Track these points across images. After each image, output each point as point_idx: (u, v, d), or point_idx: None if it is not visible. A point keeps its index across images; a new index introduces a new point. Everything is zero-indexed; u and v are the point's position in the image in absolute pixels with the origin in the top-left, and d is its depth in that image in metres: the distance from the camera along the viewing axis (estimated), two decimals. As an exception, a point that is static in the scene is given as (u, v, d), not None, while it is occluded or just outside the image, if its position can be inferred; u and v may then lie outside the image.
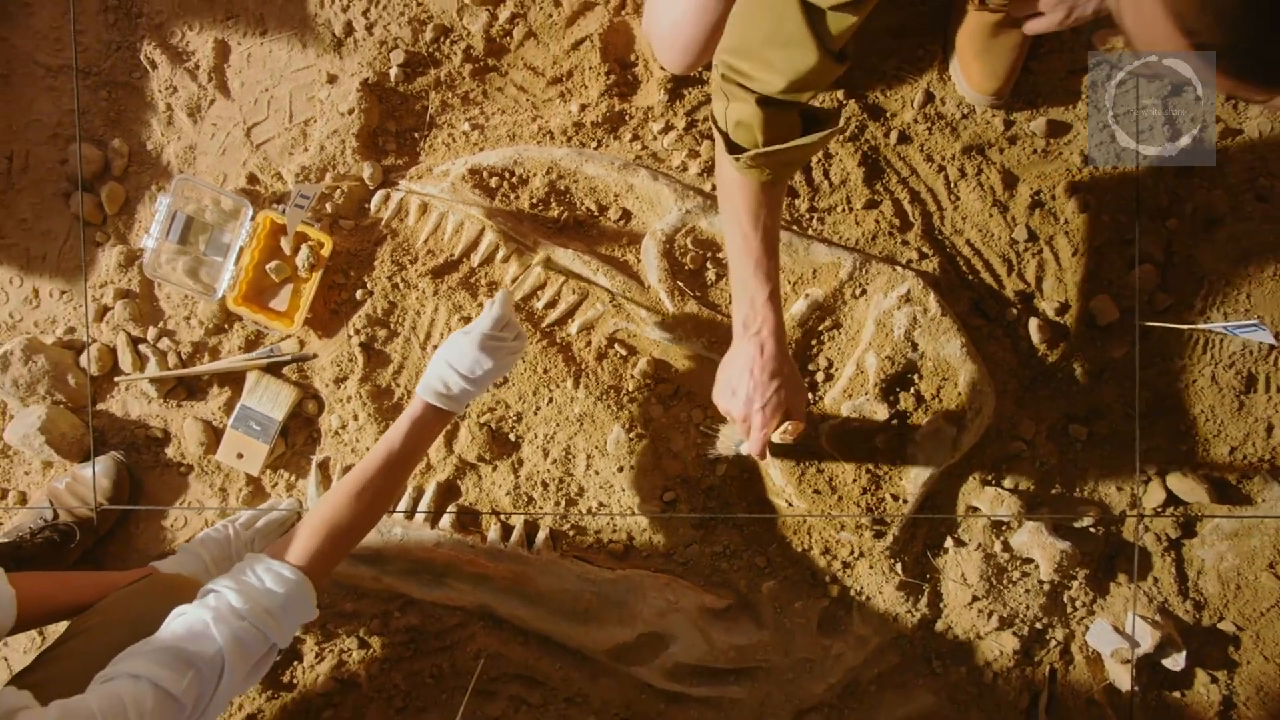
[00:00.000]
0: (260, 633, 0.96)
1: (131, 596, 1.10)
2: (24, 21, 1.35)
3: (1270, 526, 1.36)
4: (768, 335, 1.06)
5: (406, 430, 1.07)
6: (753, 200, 1.00)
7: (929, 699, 1.36)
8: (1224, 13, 0.48)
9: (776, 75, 0.89)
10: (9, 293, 1.36)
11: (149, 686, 0.88)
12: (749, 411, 1.10)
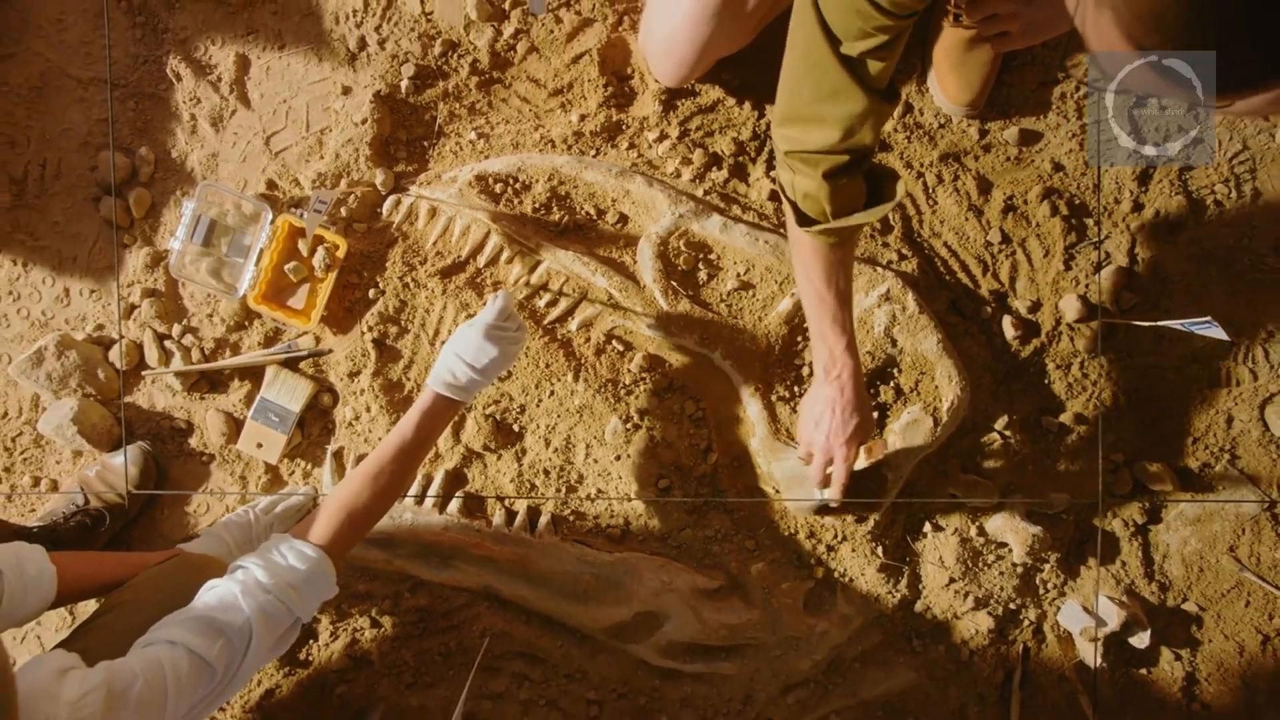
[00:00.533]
0: (284, 606, 1.04)
1: (161, 574, 1.17)
2: (56, 36, 1.43)
3: (1230, 512, 1.44)
4: (847, 379, 1.18)
5: (418, 420, 1.15)
6: (824, 263, 1.09)
7: (909, 675, 1.44)
8: (1171, 37, 0.55)
9: (830, 128, 0.94)
10: (41, 292, 1.45)
11: (184, 652, 0.96)
12: (832, 445, 1.21)
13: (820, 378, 1.22)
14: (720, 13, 1.20)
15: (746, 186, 1.43)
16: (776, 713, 1.43)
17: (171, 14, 1.43)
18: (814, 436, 1.24)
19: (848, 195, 1.03)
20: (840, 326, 1.15)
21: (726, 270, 1.39)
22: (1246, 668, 1.45)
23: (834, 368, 1.19)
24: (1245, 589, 1.45)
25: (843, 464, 1.22)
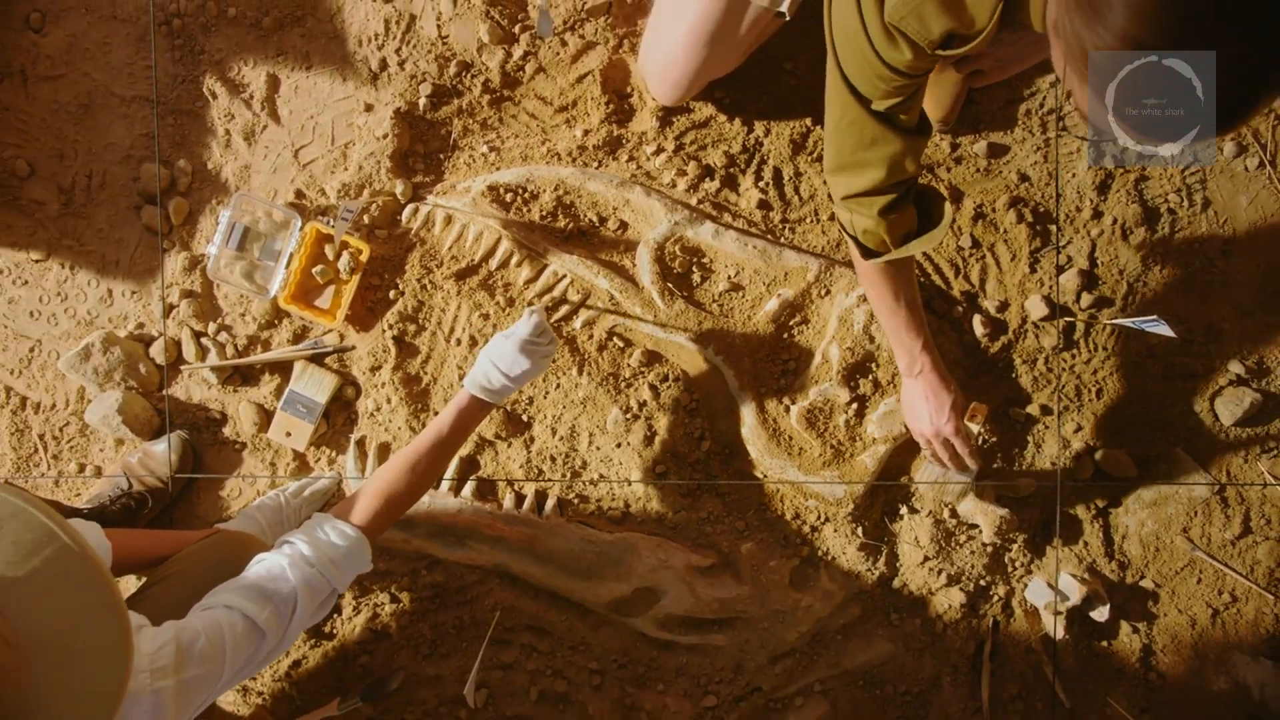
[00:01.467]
0: (324, 578, 1.15)
1: (205, 549, 1.29)
2: (103, 59, 1.55)
3: (1183, 496, 1.56)
4: (929, 371, 1.35)
5: (454, 417, 1.26)
6: (891, 283, 1.24)
7: (887, 647, 1.56)
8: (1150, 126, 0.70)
9: (876, 169, 1.08)
10: (87, 293, 1.57)
11: (239, 615, 1.07)
12: (939, 426, 1.37)
13: (907, 376, 1.38)
14: (713, 40, 1.32)
15: (737, 196, 1.55)
16: (765, 681, 1.55)
17: (208, 37, 1.55)
18: (921, 428, 1.39)
19: (902, 224, 1.16)
20: (915, 332, 1.31)
21: (718, 273, 1.52)
22: (1198, 639, 1.57)
23: (915, 365, 1.35)
24: (1197, 567, 1.57)
25: (956, 437, 1.38)
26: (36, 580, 0.77)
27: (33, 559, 0.77)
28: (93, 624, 0.80)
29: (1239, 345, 1.57)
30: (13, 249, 1.56)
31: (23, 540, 0.78)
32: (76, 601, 0.80)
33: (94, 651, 0.80)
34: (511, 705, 1.55)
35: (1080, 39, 0.67)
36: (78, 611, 0.79)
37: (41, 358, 1.57)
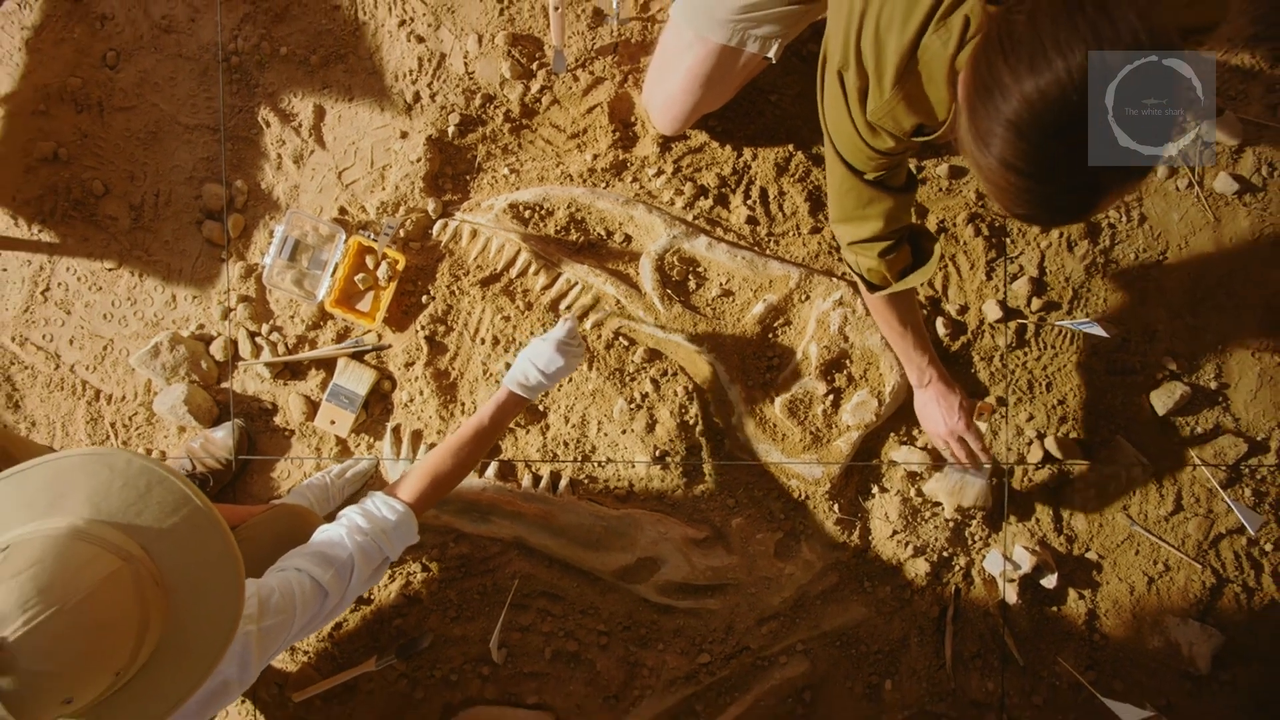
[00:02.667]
0: (377, 546, 1.34)
1: (269, 520, 1.49)
2: (169, 91, 1.76)
3: (1124, 477, 1.76)
4: (936, 380, 1.57)
5: (494, 410, 1.43)
6: (897, 311, 1.46)
7: (861, 611, 1.76)
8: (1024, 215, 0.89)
9: (874, 222, 1.28)
10: (154, 298, 1.77)
11: (307, 577, 1.27)
12: (952, 426, 1.58)
13: (918, 387, 1.61)
14: (708, 83, 1.53)
15: (728, 212, 1.76)
16: (753, 641, 1.75)
17: (262, 72, 1.76)
18: (937, 429, 1.61)
19: (900, 261, 1.37)
20: (920, 350, 1.53)
21: (711, 281, 1.72)
22: (1136, 604, 1.77)
23: (924, 377, 1.57)
24: (1135, 540, 1.77)
25: (968, 433, 1.58)
26: (177, 533, 0.98)
27: (174, 516, 0.98)
28: (216, 568, 1.00)
29: (1171, 344, 1.78)
30: (89, 259, 1.77)
31: (166, 502, 0.98)
32: (204, 550, 1.00)
33: (217, 590, 1.00)
34: (528, 663, 1.75)
35: (975, 161, 0.87)
36: (205, 558, 1.00)
37: (113, 355, 1.78)
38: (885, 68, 1.06)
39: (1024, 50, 0.79)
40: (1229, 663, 1.76)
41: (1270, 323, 1.77)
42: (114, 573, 0.90)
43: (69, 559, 0.88)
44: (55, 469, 0.98)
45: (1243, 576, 1.77)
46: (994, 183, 0.87)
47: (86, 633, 0.87)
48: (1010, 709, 1.77)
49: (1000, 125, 0.81)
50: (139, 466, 1.00)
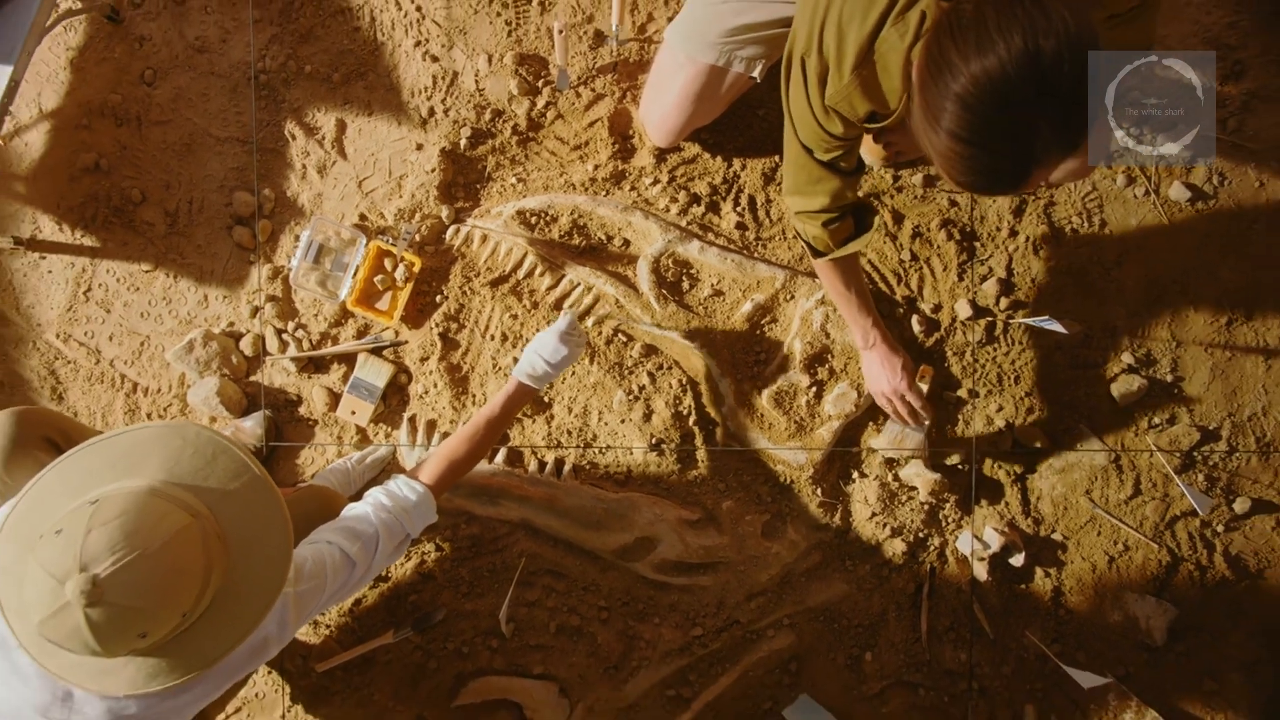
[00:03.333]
0: (399, 523, 1.47)
1: (300, 498, 1.63)
2: (202, 106, 1.90)
3: (1086, 463, 1.90)
4: (880, 343, 1.71)
5: (504, 400, 1.56)
6: (841, 275, 1.60)
7: (843, 587, 1.90)
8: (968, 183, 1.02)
9: (821, 198, 1.43)
10: (188, 297, 1.91)
11: (336, 549, 1.40)
12: (896, 387, 1.72)
13: (864, 349, 1.73)
14: (699, 99, 1.68)
15: (719, 218, 1.90)
16: (742, 615, 1.89)
17: (288, 89, 1.91)
18: (882, 389, 1.73)
19: (842, 231, 1.51)
20: (865, 312, 1.66)
21: (703, 282, 1.87)
22: (1098, 581, 1.91)
23: (869, 339, 1.70)
24: (1097, 522, 1.91)
25: (910, 392, 1.72)
26: (238, 496, 1.12)
27: (235, 481, 1.12)
28: (269, 528, 1.14)
29: (1130, 340, 1.91)
30: (127, 262, 1.91)
31: (229, 469, 1.12)
32: (260, 512, 1.14)
33: (269, 547, 1.14)
34: (534, 636, 1.89)
35: (926, 136, 1.01)
36: (261, 519, 1.14)
37: (149, 351, 1.92)
38: (845, 56, 1.19)
39: (971, 35, 0.92)
40: (1183, 635, 1.90)
41: (1221, 320, 1.91)
42: (185, 526, 1.04)
43: (148, 512, 1.02)
44: (135, 438, 1.12)
45: (1196, 555, 1.91)
46: (942, 154, 0.99)
47: (162, 575, 1.01)
48: (980, 678, 1.90)
49: (950, 100, 0.94)
50: (206, 437, 1.14)
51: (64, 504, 1.08)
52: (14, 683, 1.23)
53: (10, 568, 1.07)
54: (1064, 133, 0.94)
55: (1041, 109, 0.92)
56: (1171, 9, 1.91)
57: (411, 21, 1.91)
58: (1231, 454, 1.91)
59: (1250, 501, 1.90)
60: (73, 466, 1.13)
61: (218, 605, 1.09)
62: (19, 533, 1.09)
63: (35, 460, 1.41)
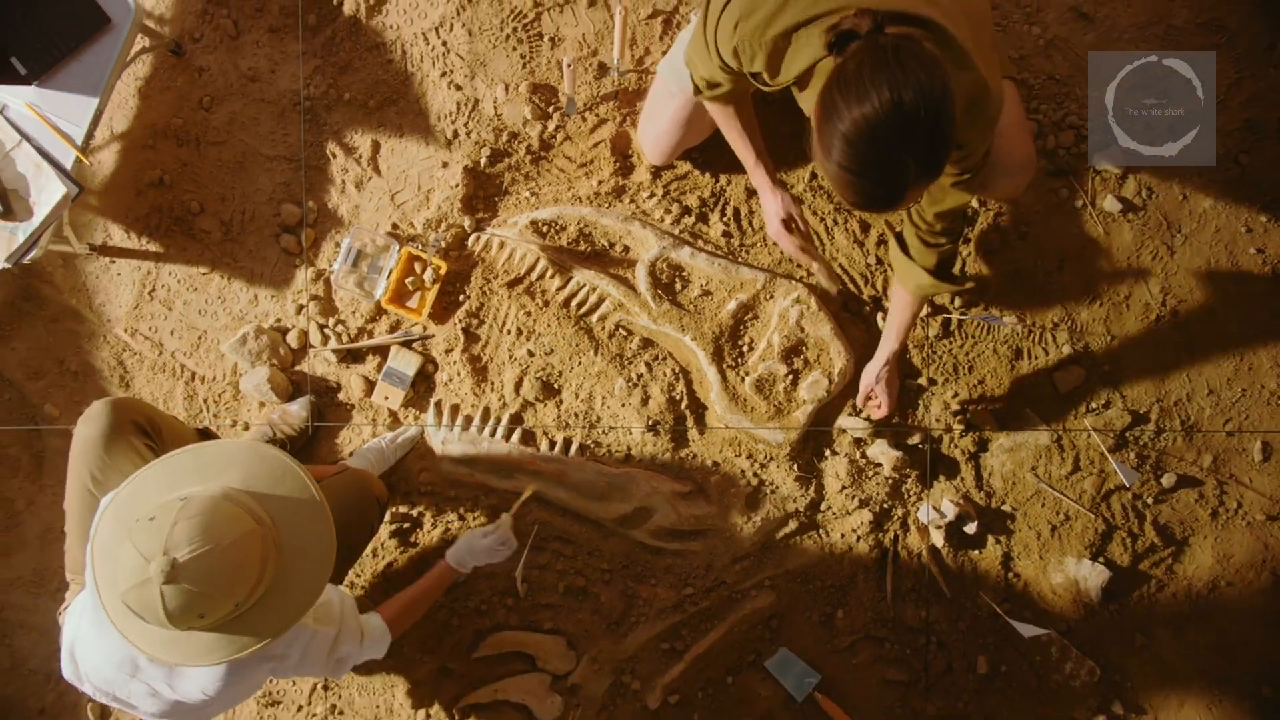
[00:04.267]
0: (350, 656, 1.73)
1: (338, 484, 1.85)
2: (253, 129, 2.17)
3: (1032, 443, 2.16)
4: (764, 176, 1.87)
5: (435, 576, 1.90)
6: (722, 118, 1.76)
7: (816, 552, 2.15)
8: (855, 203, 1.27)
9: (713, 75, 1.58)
10: (240, 296, 2.17)
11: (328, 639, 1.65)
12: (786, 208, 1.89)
13: (766, 192, 1.91)
14: (688, 124, 1.94)
15: (707, 228, 2.16)
16: (728, 577, 2.14)
17: (330, 113, 2.17)
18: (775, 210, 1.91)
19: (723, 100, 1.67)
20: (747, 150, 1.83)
21: (693, 283, 2.13)
22: (1042, 548, 2.16)
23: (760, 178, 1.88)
24: (1041, 495, 2.17)
25: (799, 220, 1.91)
26: (296, 511, 1.36)
27: (296, 499, 1.36)
28: (317, 543, 1.37)
29: (1069, 335, 2.17)
30: (187, 265, 2.17)
31: (293, 487, 1.36)
32: (312, 527, 1.37)
33: (315, 560, 1.37)
34: (545, 596, 2.14)
35: (822, 165, 1.26)
36: (311, 533, 1.37)
37: (206, 344, 2.18)
38: (774, 24, 1.36)
39: (852, 87, 1.17)
40: (1116, 594, 2.15)
41: (1150, 318, 2.17)
42: (250, 531, 1.28)
43: (224, 515, 1.26)
44: (224, 449, 1.38)
45: (1128, 524, 2.16)
46: (834, 179, 1.24)
47: (226, 568, 1.24)
48: (939, 633, 2.16)
49: (837, 138, 1.19)
50: (279, 459, 1.39)
51: (159, 496, 1.32)
52: (101, 639, 1.49)
53: (108, 543, 1.31)
54: (924, 164, 1.19)
55: (905, 145, 1.16)
56: (1105, 39, 2.17)
57: (438, 55, 2.17)
58: (1159, 435, 2.17)
59: (1176, 477, 2.15)
60: (171, 465, 1.38)
61: (265, 600, 1.32)
62: (120, 515, 1.33)
63: (127, 442, 1.66)
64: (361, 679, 2.15)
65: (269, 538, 1.32)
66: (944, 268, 1.67)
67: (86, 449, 1.64)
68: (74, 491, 1.66)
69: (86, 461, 1.64)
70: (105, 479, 1.63)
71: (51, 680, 2.20)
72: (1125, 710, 2.16)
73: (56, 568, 2.20)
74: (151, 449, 1.67)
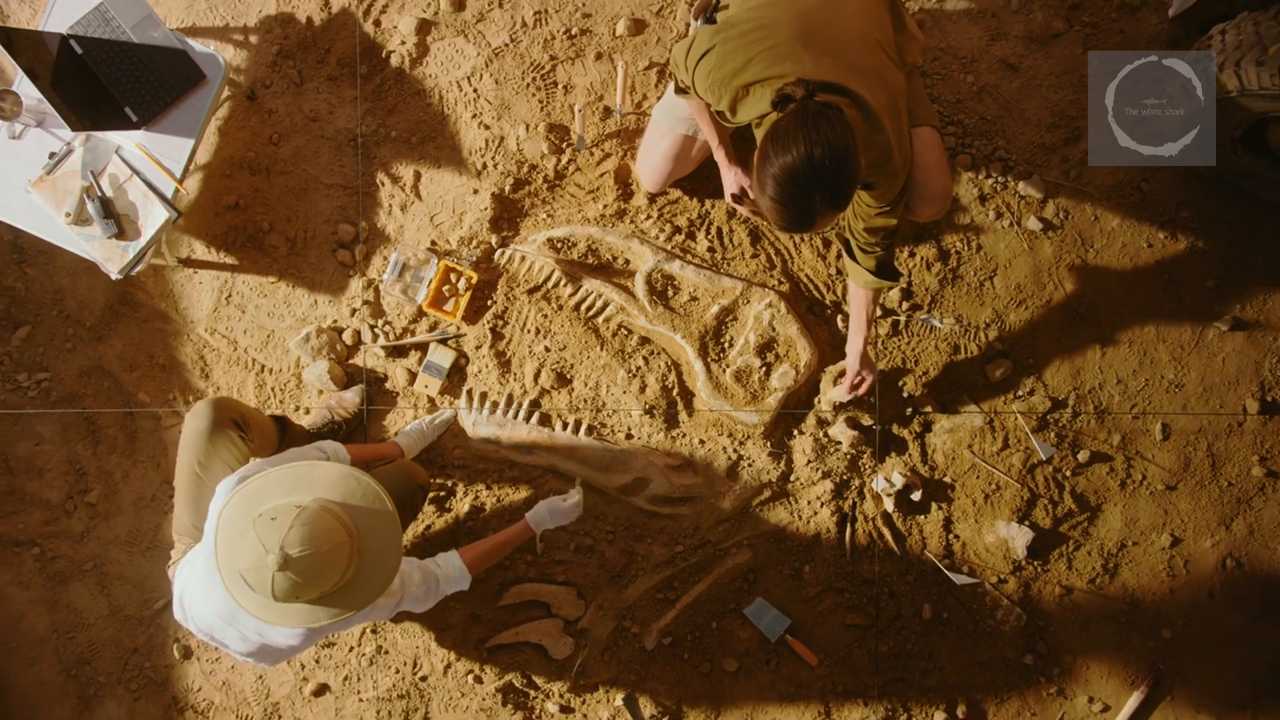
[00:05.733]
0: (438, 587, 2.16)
1: (393, 472, 2.25)
2: (314, 160, 2.59)
3: (968, 424, 2.57)
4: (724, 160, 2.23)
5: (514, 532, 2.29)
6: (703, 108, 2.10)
7: (786, 516, 2.56)
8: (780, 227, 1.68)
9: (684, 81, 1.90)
10: (303, 301, 2.59)
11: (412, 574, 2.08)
12: (738, 180, 2.27)
13: (725, 169, 2.26)
14: (677, 159, 2.35)
15: (694, 244, 2.58)
16: (713, 536, 2.55)
17: (379, 148, 2.59)
18: (732, 181, 2.28)
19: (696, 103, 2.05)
20: (719, 139, 2.19)
21: (683, 290, 2.54)
22: (977, 513, 2.57)
23: (724, 162, 2.26)
24: (977, 469, 2.57)
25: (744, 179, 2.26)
26: (376, 525, 1.75)
27: (378, 515, 1.75)
28: (388, 553, 1.76)
29: (999, 333, 2.58)
30: (258, 275, 2.59)
31: (376, 507, 1.75)
32: (386, 538, 1.75)
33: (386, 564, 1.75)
34: (559, 553, 2.55)
35: (759, 198, 1.65)
36: (385, 543, 1.75)
37: (275, 341, 2.59)
38: (741, 75, 1.73)
39: (780, 141, 1.55)
40: (1039, 551, 2.55)
41: (1067, 319, 2.58)
42: (342, 542, 1.66)
43: (327, 525, 1.65)
44: (330, 469, 1.76)
45: (1050, 493, 2.57)
46: (765, 208, 1.62)
47: (322, 568, 1.63)
48: (890, 584, 2.56)
49: (769, 178, 1.57)
50: (368, 484, 1.77)
51: (280, 498, 1.70)
52: (207, 595, 1.89)
53: (234, 526, 1.69)
54: (829, 201, 1.56)
55: (814, 186, 1.54)
56: (1029, 86, 2.59)
57: (469, 99, 2.60)
58: (1075, 417, 2.57)
59: (1089, 453, 2.56)
60: (290, 473, 1.75)
61: (346, 588, 1.72)
62: (246, 504, 1.71)
63: (225, 435, 2.05)
64: (404, 624, 2.56)
65: (355, 547, 1.72)
66: (883, 268, 2.07)
67: (193, 439, 2.04)
68: (183, 472, 2.06)
69: (194, 450, 2.04)
70: (209, 463, 2.03)
71: (143, 624, 2.61)
72: (1048, 650, 2.57)
73: (147, 530, 2.61)
74: (243, 439, 2.07)
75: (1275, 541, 2.58)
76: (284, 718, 2.61)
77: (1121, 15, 2.55)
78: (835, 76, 1.67)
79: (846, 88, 1.67)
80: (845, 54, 1.69)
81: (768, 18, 1.74)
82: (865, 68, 1.70)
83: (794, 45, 1.68)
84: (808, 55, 1.66)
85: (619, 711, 2.55)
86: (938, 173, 2.09)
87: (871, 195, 1.82)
